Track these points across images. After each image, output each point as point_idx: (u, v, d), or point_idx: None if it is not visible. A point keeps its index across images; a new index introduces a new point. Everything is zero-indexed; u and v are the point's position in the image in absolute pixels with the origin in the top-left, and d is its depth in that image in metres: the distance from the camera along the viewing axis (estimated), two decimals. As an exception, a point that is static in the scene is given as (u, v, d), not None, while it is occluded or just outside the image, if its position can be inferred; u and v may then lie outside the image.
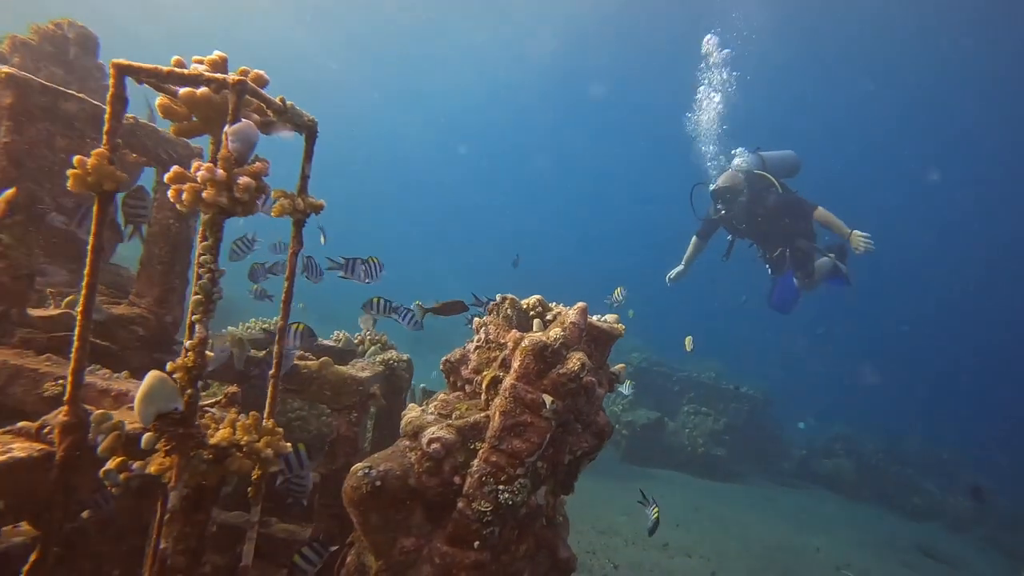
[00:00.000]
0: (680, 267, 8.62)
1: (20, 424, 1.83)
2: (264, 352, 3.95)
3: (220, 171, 1.64)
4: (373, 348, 4.81)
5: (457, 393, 3.42)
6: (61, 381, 2.51)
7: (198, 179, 1.63)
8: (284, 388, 4.10)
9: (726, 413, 15.36)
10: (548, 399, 2.84)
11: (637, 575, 7.42)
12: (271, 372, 2.25)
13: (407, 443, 2.99)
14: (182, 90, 1.97)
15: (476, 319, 3.47)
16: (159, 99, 2.06)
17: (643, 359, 16.31)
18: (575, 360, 2.91)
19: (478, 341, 3.38)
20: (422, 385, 6.20)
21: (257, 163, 1.74)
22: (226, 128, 1.76)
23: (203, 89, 1.94)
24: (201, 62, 2.00)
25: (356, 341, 5.09)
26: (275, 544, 4.01)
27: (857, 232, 6.84)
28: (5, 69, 2.63)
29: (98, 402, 2.51)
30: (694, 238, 8.58)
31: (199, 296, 1.78)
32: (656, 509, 3.69)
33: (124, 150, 3.50)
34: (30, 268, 2.86)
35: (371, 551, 2.92)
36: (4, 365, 2.51)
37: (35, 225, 2.84)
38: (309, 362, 3.89)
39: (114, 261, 5.18)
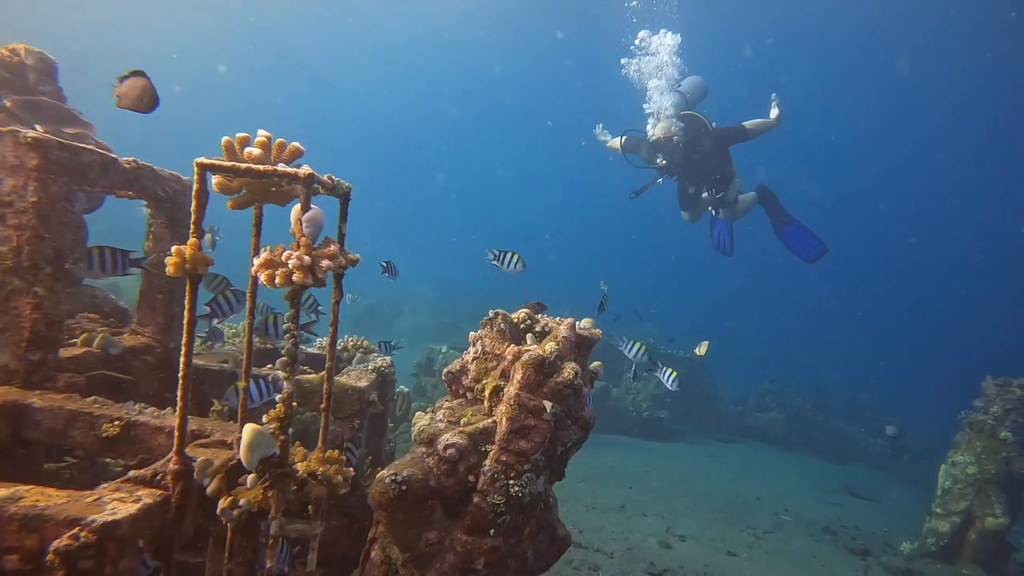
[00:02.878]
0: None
1: (132, 473, 2.11)
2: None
3: (306, 258, 1.96)
4: (359, 355, 5.11)
5: (459, 400, 3.82)
6: (117, 422, 2.76)
7: (290, 266, 1.94)
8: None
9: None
10: (548, 405, 3.29)
11: (600, 536, 8.09)
12: (322, 406, 2.58)
13: (423, 449, 3.38)
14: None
15: (471, 333, 3.86)
16: (215, 179, 2.32)
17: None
18: (569, 370, 3.37)
19: (475, 353, 3.78)
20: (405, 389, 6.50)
21: (332, 246, 2.06)
22: (300, 215, 2.07)
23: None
24: (247, 142, 2.29)
25: (339, 347, 5.37)
26: (289, 542, 4.36)
27: (776, 111, 7.82)
28: (32, 134, 2.77)
29: (153, 438, 2.78)
30: (617, 140, 8.66)
31: (285, 358, 2.10)
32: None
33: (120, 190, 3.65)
34: (60, 316, 3.04)
35: (398, 545, 3.31)
36: (61, 410, 2.73)
37: (63, 276, 3.02)
38: (310, 376, 4.18)
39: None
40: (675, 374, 5.60)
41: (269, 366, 4.41)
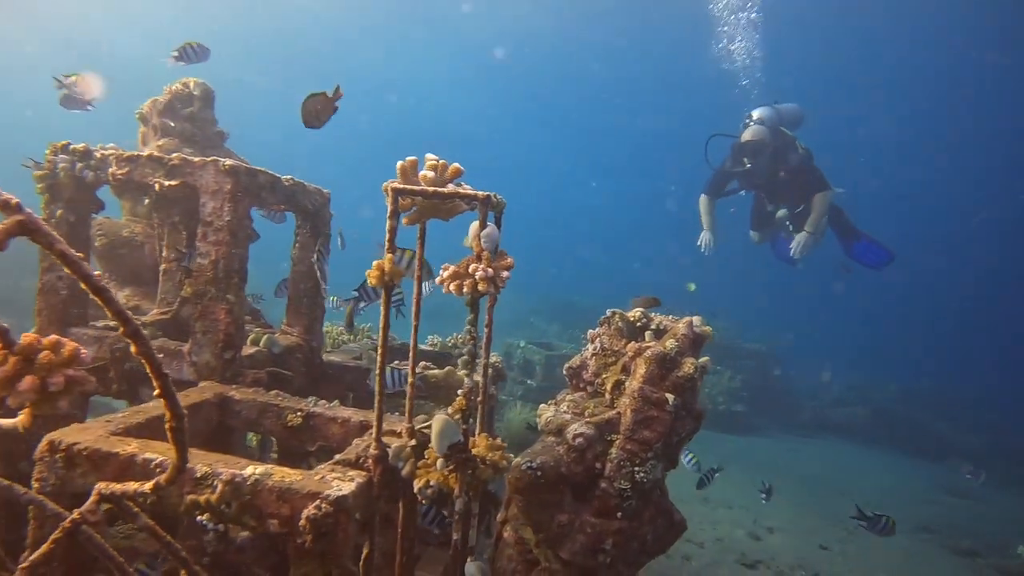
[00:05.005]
0: (708, 234, 8.71)
1: (338, 457, 2.49)
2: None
3: (490, 270, 2.27)
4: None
5: (580, 393, 4.11)
6: (299, 413, 3.18)
7: (476, 278, 2.26)
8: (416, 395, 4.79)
9: (741, 370, 16.15)
10: (670, 397, 3.53)
11: (689, 526, 8.21)
12: (479, 399, 2.90)
13: (553, 439, 3.68)
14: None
15: (590, 331, 4.14)
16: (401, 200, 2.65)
17: (654, 322, 17.08)
18: (689, 365, 3.60)
19: (594, 350, 4.06)
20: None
21: (508, 258, 2.37)
22: (479, 232, 2.38)
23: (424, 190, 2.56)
24: (416, 166, 2.62)
25: (450, 344, 5.74)
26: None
27: (809, 237, 7.62)
28: (228, 162, 3.22)
29: (328, 427, 3.19)
30: (705, 197, 8.68)
31: (465, 357, 2.43)
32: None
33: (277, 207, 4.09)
34: (244, 319, 3.50)
35: (532, 527, 3.63)
36: (254, 402, 3.17)
37: (244, 284, 3.48)
38: (436, 371, 4.55)
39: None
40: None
41: (396, 362, 4.81)
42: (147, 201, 3.93)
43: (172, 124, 4.81)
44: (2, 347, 1.46)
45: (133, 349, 1.36)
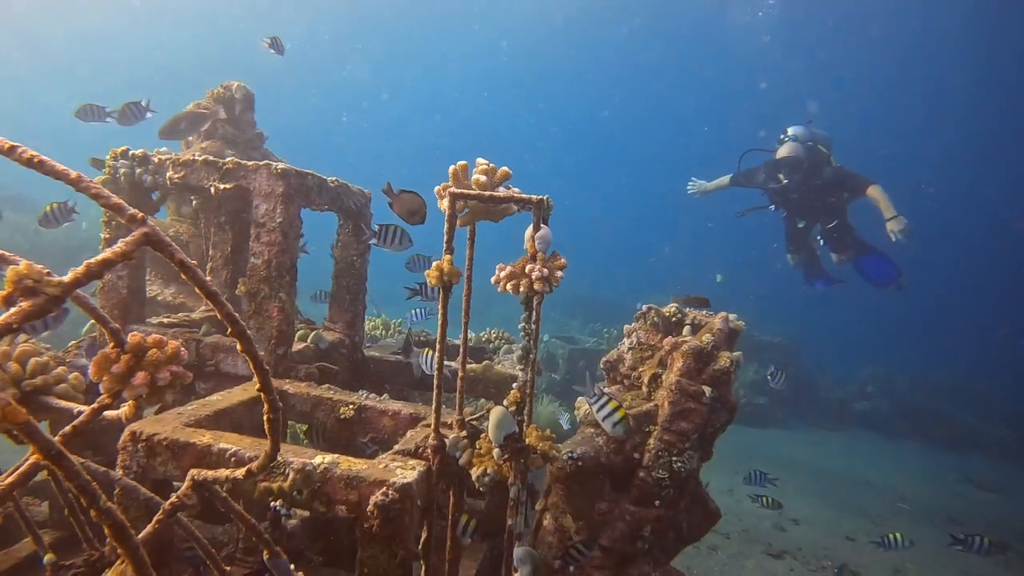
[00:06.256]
0: (708, 185, 8.82)
1: (398, 447, 2.62)
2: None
3: (545, 270, 2.37)
4: (505, 347, 5.58)
5: (617, 386, 4.21)
6: (351, 406, 3.31)
7: (532, 278, 2.36)
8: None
9: (763, 363, 16.12)
10: (707, 389, 3.62)
11: (714, 519, 8.29)
12: (528, 392, 3.00)
13: (592, 430, 3.79)
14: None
15: (626, 326, 4.22)
16: (441, 201, 2.76)
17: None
18: (725, 358, 3.68)
19: (631, 344, 4.15)
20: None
21: (561, 259, 2.47)
22: (533, 234, 2.48)
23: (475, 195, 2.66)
24: (466, 170, 2.72)
25: (483, 339, 5.86)
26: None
27: (900, 219, 7.20)
28: (281, 165, 3.35)
29: (379, 420, 3.32)
30: (727, 179, 8.76)
31: (520, 353, 2.54)
32: None
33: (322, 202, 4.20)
34: (294, 315, 3.63)
35: (572, 515, 3.74)
36: (308, 396, 3.31)
37: (295, 282, 3.61)
38: (474, 365, 4.67)
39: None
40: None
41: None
42: (194, 202, 4.06)
43: (205, 128, 4.97)
44: (115, 346, 1.59)
45: (239, 347, 1.48)
